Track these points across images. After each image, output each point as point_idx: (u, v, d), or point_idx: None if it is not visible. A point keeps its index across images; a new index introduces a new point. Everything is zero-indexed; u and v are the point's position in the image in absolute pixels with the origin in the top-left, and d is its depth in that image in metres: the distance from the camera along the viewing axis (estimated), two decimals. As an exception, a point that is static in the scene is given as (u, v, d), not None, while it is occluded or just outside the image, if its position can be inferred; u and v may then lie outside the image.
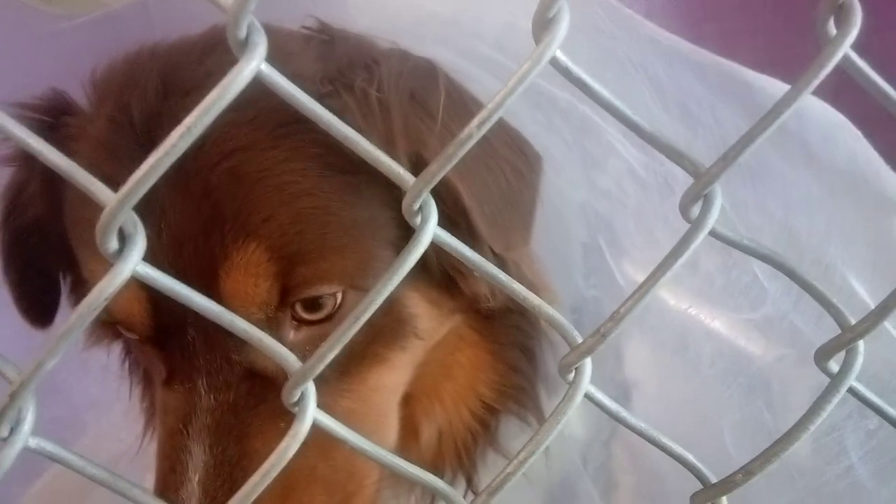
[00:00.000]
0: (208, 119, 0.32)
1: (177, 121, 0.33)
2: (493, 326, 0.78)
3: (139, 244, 0.35)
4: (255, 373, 0.63)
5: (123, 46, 0.68)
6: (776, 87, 0.73)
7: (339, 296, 0.64)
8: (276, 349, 0.40)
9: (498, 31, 0.76)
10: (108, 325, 0.71)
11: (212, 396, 0.62)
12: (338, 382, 0.66)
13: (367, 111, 0.63)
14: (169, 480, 0.61)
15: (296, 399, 0.39)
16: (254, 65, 0.33)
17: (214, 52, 0.65)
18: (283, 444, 0.38)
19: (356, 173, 0.63)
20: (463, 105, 0.68)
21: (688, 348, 0.89)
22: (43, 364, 0.36)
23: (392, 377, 0.71)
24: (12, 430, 0.37)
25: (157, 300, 0.61)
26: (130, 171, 0.59)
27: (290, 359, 0.40)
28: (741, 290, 0.71)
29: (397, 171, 0.40)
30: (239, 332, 0.40)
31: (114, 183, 0.60)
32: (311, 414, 0.39)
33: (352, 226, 0.64)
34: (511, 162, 0.70)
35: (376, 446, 0.44)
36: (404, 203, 0.39)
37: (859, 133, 0.70)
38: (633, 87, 0.74)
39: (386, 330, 0.68)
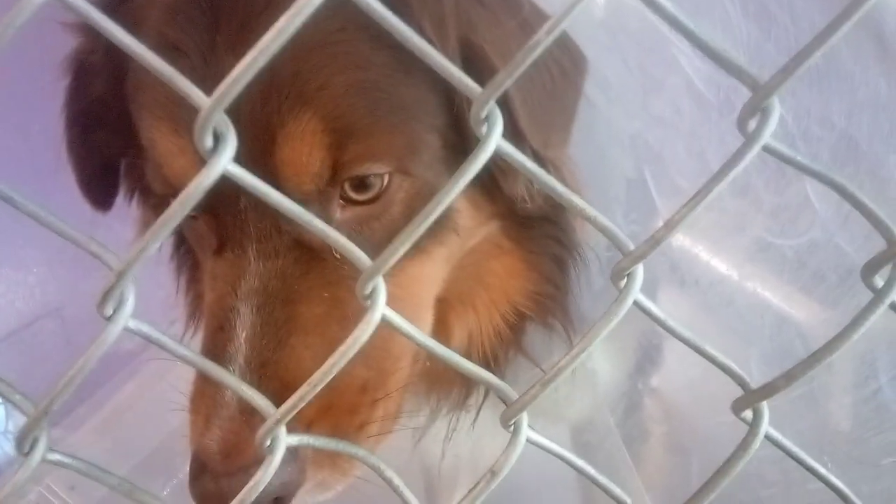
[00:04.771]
0: (299, 20, 0.35)
1: None
2: (529, 235, 0.82)
3: (231, 143, 0.39)
4: (303, 243, 0.66)
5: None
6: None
7: (386, 178, 0.67)
8: (347, 247, 0.44)
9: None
10: (163, 207, 0.75)
11: (261, 262, 0.65)
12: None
13: None
14: (217, 338, 0.65)
15: (368, 292, 0.43)
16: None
17: None
18: (357, 331, 0.42)
19: (405, 49, 0.65)
20: None
21: (721, 282, 0.90)
22: (145, 249, 0.39)
23: (430, 269, 0.75)
24: (115, 311, 0.42)
25: None
26: (195, 38, 0.62)
27: (361, 257, 0.44)
28: (790, 212, 0.72)
29: (465, 81, 0.42)
30: (317, 231, 0.43)
31: (180, 49, 0.63)
32: (382, 306, 0.43)
33: (400, 106, 0.66)
34: (557, 60, 0.72)
35: (436, 342, 0.47)
36: (472, 112, 0.42)
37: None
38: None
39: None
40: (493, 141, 0.42)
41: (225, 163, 0.38)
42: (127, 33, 0.36)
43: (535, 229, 0.83)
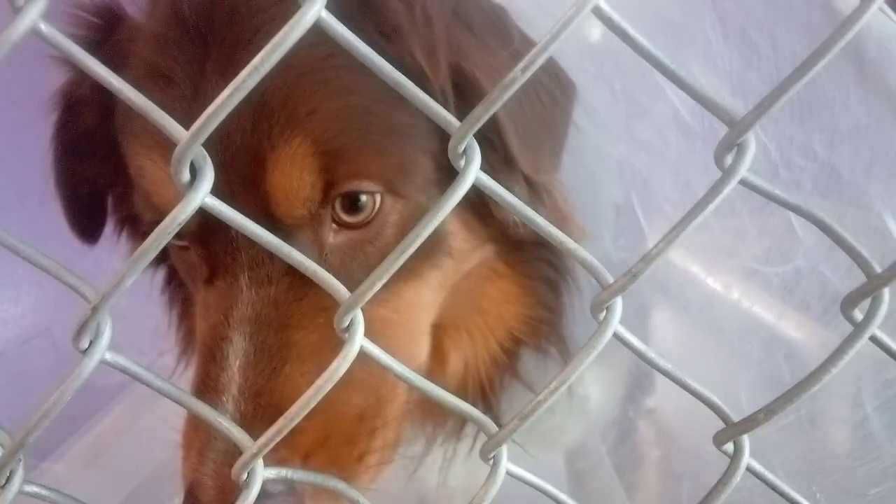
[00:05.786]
0: (275, 58, 0.35)
1: (227, 10, 0.34)
2: (523, 259, 0.82)
3: (208, 176, 0.39)
4: (296, 269, 0.65)
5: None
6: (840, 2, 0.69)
7: (378, 199, 0.67)
8: (326, 280, 0.44)
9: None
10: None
11: (253, 290, 0.65)
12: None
13: (412, 18, 0.65)
14: (210, 368, 0.64)
15: (346, 325, 0.42)
16: (315, 9, 0.36)
17: None
18: (334, 364, 0.42)
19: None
20: (502, 25, 0.72)
21: (710, 306, 0.90)
22: (121, 282, 0.39)
23: (425, 294, 0.75)
24: (92, 343, 0.42)
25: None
26: (184, 67, 0.63)
27: (340, 289, 0.44)
28: (775, 240, 0.72)
29: (444, 115, 0.42)
30: (296, 263, 0.43)
31: (169, 78, 0.63)
32: (360, 339, 0.42)
33: (392, 129, 0.66)
34: (546, 86, 0.73)
35: (416, 374, 0.47)
36: (450, 146, 0.42)
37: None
38: (695, 12, 0.73)
39: (421, 245, 0.71)
40: (471, 175, 0.42)
41: (202, 196, 0.39)
42: (104, 66, 0.37)
43: (530, 253, 0.83)
